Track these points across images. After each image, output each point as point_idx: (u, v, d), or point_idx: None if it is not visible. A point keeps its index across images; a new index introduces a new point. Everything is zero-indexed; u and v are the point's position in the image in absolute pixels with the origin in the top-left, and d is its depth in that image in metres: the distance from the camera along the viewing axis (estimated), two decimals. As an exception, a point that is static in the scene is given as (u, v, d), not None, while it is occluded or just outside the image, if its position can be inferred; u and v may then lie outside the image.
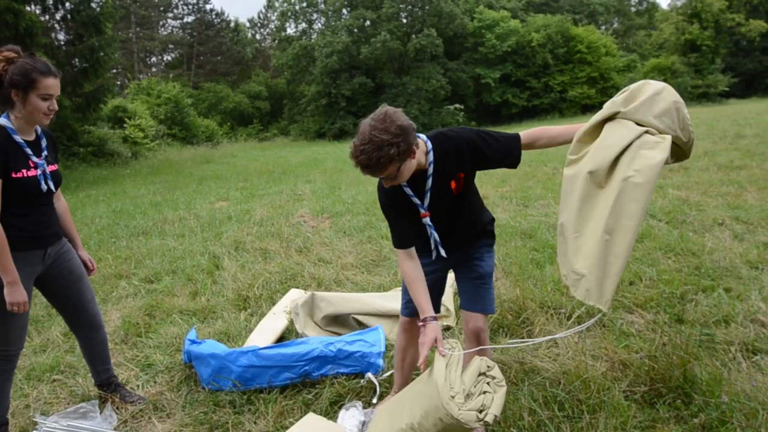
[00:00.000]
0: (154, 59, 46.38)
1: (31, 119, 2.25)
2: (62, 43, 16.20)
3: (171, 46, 44.84)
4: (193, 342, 3.03)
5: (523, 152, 2.17)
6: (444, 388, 1.88)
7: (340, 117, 31.95)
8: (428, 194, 2.15)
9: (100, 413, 2.69)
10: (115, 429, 2.59)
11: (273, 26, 47.53)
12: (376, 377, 2.77)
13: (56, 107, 2.25)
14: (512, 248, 4.82)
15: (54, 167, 2.41)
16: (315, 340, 2.98)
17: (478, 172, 2.26)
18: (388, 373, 2.81)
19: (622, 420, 2.27)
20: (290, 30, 39.81)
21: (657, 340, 2.90)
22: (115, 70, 37.26)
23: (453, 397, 1.86)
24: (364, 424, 2.43)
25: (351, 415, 2.45)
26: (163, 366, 3.15)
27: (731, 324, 3.16)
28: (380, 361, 2.88)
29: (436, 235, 2.20)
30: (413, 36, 32.93)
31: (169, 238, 6.28)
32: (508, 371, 2.76)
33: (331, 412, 2.59)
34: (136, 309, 4.03)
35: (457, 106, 32.20)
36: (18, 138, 2.25)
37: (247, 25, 49.29)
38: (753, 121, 14.37)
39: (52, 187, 2.36)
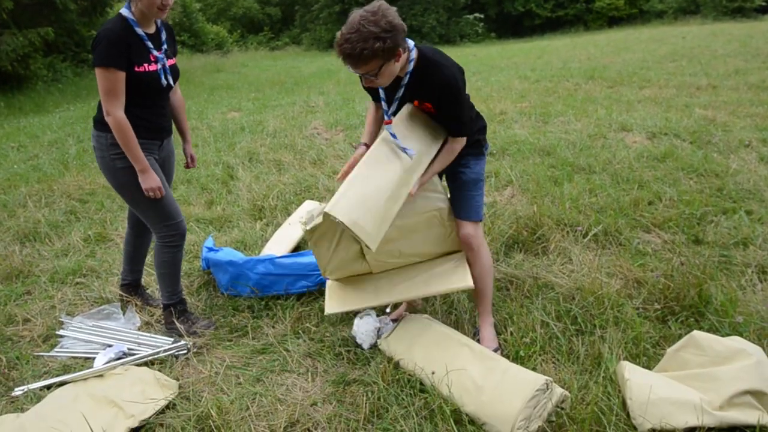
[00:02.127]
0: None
1: (147, 12, 2.25)
2: (63, -60, 15.36)
3: (177, -55, 42.50)
4: (210, 249, 3.08)
5: (545, 64, 2.07)
6: None
7: (354, 26, 30.67)
8: (395, 103, 2.17)
9: (123, 315, 2.78)
10: (138, 330, 2.68)
11: (284, -76, 44.58)
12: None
13: (171, 2, 2.25)
14: (530, 165, 4.73)
15: (173, 61, 2.44)
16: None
17: (496, 85, 2.18)
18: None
19: (634, 335, 2.30)
20: (302, -71, 37.32)
21: (673, 260, 2.89)
22: (119, -29, 35.57)
23: None
24: (378, 330, 2.49)
25: (365, 323, 2.51)
26: (182, 272, 3.21)
27: (750, 246, 3.13)
28: (395, 273, 2.91)
29: (399, 142, 2.12)
30: (433, -63, 30.81)
31: (182, 148, 6.24)
32: (522, 285, 2.79)
33: (346, 319, 2.65)
34: (153, 216, 4.07)
35: (477, 15, 30.63)
36: (139, 30, 2.26)
37: None
38: (790, 38, 13.60)
39: (171, 82, 2.41)
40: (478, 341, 2.37)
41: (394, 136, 2.10)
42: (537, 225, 3.36)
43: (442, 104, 2.11)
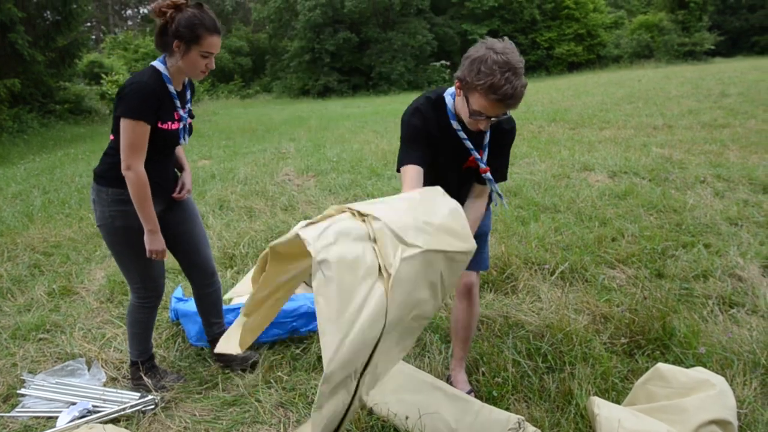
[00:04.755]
0: (129, 12, 44.77)
1: (185, 72, 2.21)
2: (33, -6, 15.51)
3: (147, -2, 43.20)
4: (179, 300, 3.03)
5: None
6: None
7: (324, 73, 31.28)
8: (486, 149, 2.02)
9: (89, 370, 2.70)
10: (104, 385, 2.61)
11: (253, -22, 45.88)
12: (363, 332, 2.79)
13: (213, 66, 2.20)
14: (498, 206, 4.84)
15: (191, 120, 2.39)
16: (302, 296, 2.99)
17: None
18: (375, 329, 2.85)
19: (602, 370, 2.34)
20: (271, -18, 38.44)
21: (637, 294, 2.97)
22: (89, 24, 35.94)
23: None
24: None
25: None
26: (150, 323, 3.15)
27: (710, 278, 3.23)
28: (367, 317, 2.90)
29: (496, 187, 2.04)
30: (398, -11, 32.02)
31: (151, 197, 6.19)
32: (493, 325, 2.81)
33: (318, 366, 2.62)
34: (121, 267, 4.00)
35: (443, 62, 31.66)
36: (172, 88, 2.20)
37: (227, -24, 47.45)
38: (737, 80, 14.39)
39: (186, 141, 2.37)
40: (451, 384, 2.37)
41: (491, 180, 2.03)
42: (506, 264, 3.42)
43: (503, 149, 2.07)
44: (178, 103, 2.24)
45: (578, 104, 12.31)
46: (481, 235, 2.30)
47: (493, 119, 1.83)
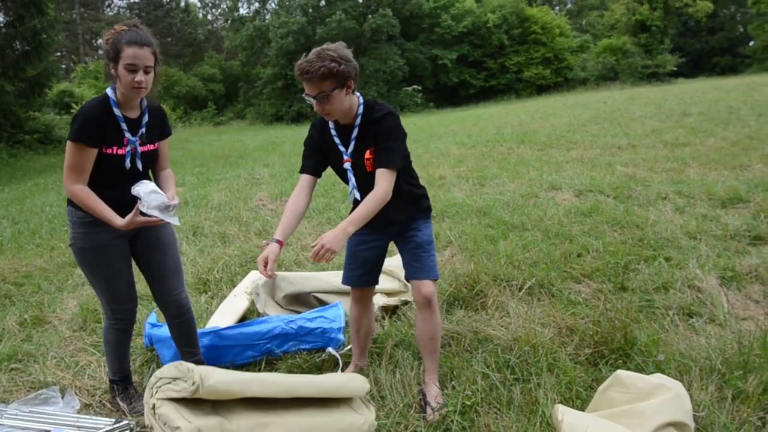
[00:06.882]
0: (100, 41, 44.55)
1: (126, 93, 2.16)
2: (2, 25, 15.43)
3: (119, 27, 43.07)
4: (153, 325, 3.04)
5: (480, 131, 2.26)
6: None
7: (297, 100, 31.49)
8: (353, 142, 2.31)
9: (62, 398, 2.69)
10: (78, 412, 2.60)
11: (225, 6, 46.28)
12: (337, 351, 2.85)
13: (144, 80, 2.12)
14: (468, 225, 4.97)
15: (151, 147, 2.34)
16: (276, 318, 3.03)
17: (435, 152, 2.37)
18: (349, 347, 2.90)
19: (567, 380, 2.43)
20: (243, 10, 39.05)
21: (601, 307, 3.08)
22: (59, 53, 35.73)
23: None
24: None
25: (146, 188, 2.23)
26: (124, 350, 3.14)
27: (670, 290, 3.37)
28: (341, 336, 2.97)
29: (353, 179, 2.32)
30: (369, 16, 32.65)
31: (124, 225, 6.16)
32: (463, 340, 2.89)
33: (294, 386, 2.66)
34: (94, 296, 3.98)
35: (415, 87, 32.22)
36: (117, 111, 2.19)
37: (198, 4, 47.80)
38: (698, 100, 14.99)
39: (139, 166, 2.29)
40: (423, 398, 2.43)
41: (350, 171, 2.30)
42: (475, 281, 3.52)
43: (382, 137, 2.25)
44: (125, 127, 2.22)
45: (546, 126, 12.66)
46: (422, 244, 2.44)
47: (318, 99, 2.14)
